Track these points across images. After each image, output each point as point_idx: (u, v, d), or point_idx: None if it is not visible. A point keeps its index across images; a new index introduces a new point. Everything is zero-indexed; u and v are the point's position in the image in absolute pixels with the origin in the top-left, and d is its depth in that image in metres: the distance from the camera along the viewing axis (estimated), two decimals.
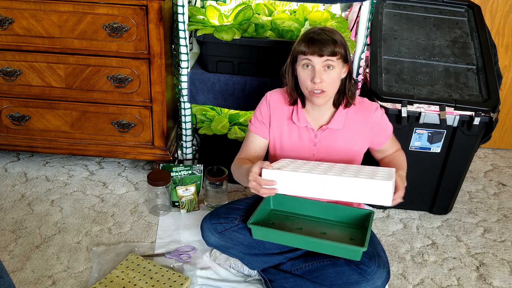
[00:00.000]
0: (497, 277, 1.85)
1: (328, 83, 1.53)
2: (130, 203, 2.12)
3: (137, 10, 1.92)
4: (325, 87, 1.53)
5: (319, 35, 1.51)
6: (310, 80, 1.53)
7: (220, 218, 1.68)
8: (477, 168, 2.59)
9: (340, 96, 1.63)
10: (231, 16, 2.08)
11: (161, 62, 2.01)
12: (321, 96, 1.55)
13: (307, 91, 1.56)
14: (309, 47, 1.51)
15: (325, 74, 1.52)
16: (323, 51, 1.49)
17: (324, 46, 1.49)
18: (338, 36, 1.54)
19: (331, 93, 1.57)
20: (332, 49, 1.50)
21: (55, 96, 2.10)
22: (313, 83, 1.52)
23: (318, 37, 1.50)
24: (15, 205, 2.06)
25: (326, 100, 1.58)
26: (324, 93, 1.54)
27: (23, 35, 1.99)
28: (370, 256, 1.53)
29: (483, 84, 2.01)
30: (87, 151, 2.21)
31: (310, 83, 1.53)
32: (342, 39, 1.54)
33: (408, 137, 1.98)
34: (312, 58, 1.51)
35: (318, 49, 1.49)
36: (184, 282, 1.65)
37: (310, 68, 1.53)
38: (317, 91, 1.53)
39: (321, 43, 1.49)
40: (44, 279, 1.70)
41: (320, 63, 1.51)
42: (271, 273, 1.67)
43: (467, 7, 2.31)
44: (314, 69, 1.52)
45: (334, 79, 1.54)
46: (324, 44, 1.49)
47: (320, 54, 1.50)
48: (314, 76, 1.51)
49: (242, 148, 1.75)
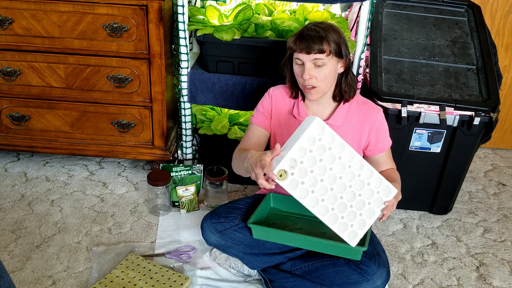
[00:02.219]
0: (497, 277, 1.85)
1: (319, 79, 1.54)
2: (130, 203, 2.12)
3: (137, 10, 1.92)
4: (315, 83, 1.54)
5: (310, 31, 1.51)
6: (301, 75, 1.55)
7: (221, 218, 1.68)
8: (477, 168, 2.59)
9: (336, 90, 1.64)
10: (231, 16, 2.08)
11: (161, 62, 2.01)
12: (313, 91, 1.56)
13: (301, 86, 1.59)
14: (297, 44, 1.52)
15: (315, 70, 1.53)
16: (310, 48, 1.50)
17: (311, 43, 1.50)
18: (331, 32, 1.52)
19: (323, 88, 1.58)
20: (319, 47, 1.50)
21: (55, 96, 2.10)
22: (304, 79, 1.54)
23: (307, 34, 1.51)
24: (15, 205, 2.06)
25: (319, 96, 1.59)
26: (315, 89, 1.56)
27: (23, 35, 1.99)
28: (370, 256, 1.54)
29: (483, 84, 2.01)
30: (87, 151, 2.20)
31: (301, 79, 1.56)
32: (335, 35, 1.53)
33: (408, 137, 1.98)
34: (301, 56, 1.52)
35: (305, 46, 1.50)
36: (184, 282, 1.65)
37: (301, 65, 1.55)
38: (308, 86, 1.55)
39: (308, 40, 1.50)
40: (44, 279, 1.70)
41: (309, 61, 1.52)
42: (271, 273, 1.67)
43: (467, 7, 2.31)
44: (304, 65, 1.53)
45: (326, 75, 1.55)
46: (311, 41, 1.50)
47: (307, 52, 1.51)
48: (303, 72, 1.53)
49: (243, 139, 1.75)
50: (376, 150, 1.68)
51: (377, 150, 1.68)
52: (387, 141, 1.70)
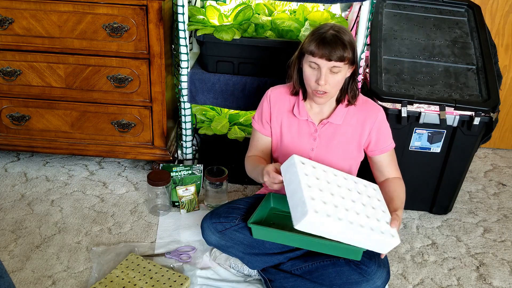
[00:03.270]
0: (497, 277, 1.85)
1: (332, 85, 1.54)
2: (130, 203, 2.12)
3: (137, 10, 1.92)
4: (328, 88, 1.54)
5: (331, 38, 1.49)
6: (314, 80, 1.53)
7: (221, 217, 1.68)
8: (477, 168, 2.59)
9: (342, 94, 1.63)
10: (231, 16, 2.08)
11: (161, 62, 2.01)
12: (324, 96, 1.56)
13: (310, 89, 1.57)
14: (319, 49, 1.49)
15: (330, 76, 1.52)
16: (332, 56, 1.48)
17: (334, 51, 1.48)
18: (348, 37, 1.52)
19: (333, 94, 1.59)
20: (341, 54, 1.48)
21: (55, 96, 2.10)
22: (317, 84, 1.52)
23: (329, 40, 1.48)
24: (15, 205, 2.06)
25: (327, 100, 1.59)
26: (326, 94, 1.55)
27: (23, 35, 1.99)
28: (370, 256, 1.54)
29: (483, 84, 2.01)
30: (87, 151, 2.20)
31: (314, 83, 1.54)
32: (351, 40, 1.52)
33: (408, 137, 1.98)
34: (319, 61, 1.50)
35: (327, 52, 1.48)
36: (184, 282, 1.65)
37: (316, 69, 1.53)
38: (320, 91, 1.54)
39: (331, 47, 1.48)
40: (44, 279, 1.70)
41: (326, 67, 1.50)
42: (271, 273, 1.67)
43: (467, 7, 2.31)
44: (320, 71, 1.51)
45: (339, 82, 1.55)
46: (334, 49, 1.48)
47: (328, 59, 1.49)
48: (320, 78, 1.51)
49: (250, 145, 1.79)
50: (377, 150, 1.68)
51: (378, 150, 1.68)
52: (390, 142, 1.70)
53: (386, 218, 1.51)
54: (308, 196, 1.37)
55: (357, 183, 1.58)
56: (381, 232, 1.44)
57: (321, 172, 1.51)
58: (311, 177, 1.45)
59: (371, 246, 1.46)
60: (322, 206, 1.38)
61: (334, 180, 1.52)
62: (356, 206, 1.47)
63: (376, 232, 1.42)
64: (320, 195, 1.41)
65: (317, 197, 1.39)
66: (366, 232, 1.40)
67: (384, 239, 1.43)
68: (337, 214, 1.39)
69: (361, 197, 1.52)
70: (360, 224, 1.41)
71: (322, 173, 1.51)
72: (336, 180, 1.53)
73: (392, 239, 1.44)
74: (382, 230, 1.45)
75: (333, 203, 1.42)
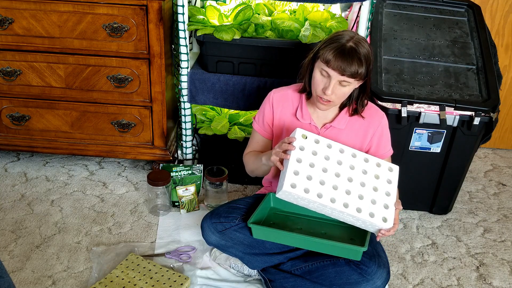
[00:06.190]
0: (497, 277, 1.85)
1: (338, 96, 1.54)
2: (130, 203, 2.12)
3: (137, 10, 1.92)
4: (333, 98, 1.53)
5: (349, 51, 1.46)
6: (322, 88, 1.53)
7: (221, 217, 1.68)
8: (477, 168, 2.59)
9: (347, 102, 1.63)
10: (231, 16, 2.08)
11: (161, 62, 2.01)
12: (327, 104, 1.56)
13: (316, 94, 1.57)
14: (335, 60, 1.46)
15: (338, 88, 1.51)
16: (346, 71, 1.46)
17: (349, 66, 1.45)
18: (366, 50, 1.48)
19: (337, 103, 1.59)
20: (355, 70, 1.46)
21: (55, 96, 2.10)
22: (324, 92, 1.52)
23: (347, 53, 1.45)
24: (15, 205, 2.06)
25: (329, 108, 1.60)
26: (330, 103, 1.56)
27: (23, 35, 1.99)
28: (370, 256, 1.54)
29: (483, 84, 2.01)
30: (87, 151, 2.20)
31: (320, 91, 1.53)
32: (368, 54, 1.49)
33: (408, 137, 1.98)
34: (332, 73, 1.48)
35: (342, 66, 1.45)
36: (184, 282, 1.65)
37: (326, 77, 1.51)
38: (324, 99, 1.54)
39: (347, 62, 1.45)
40: (44, 279, 1.70)
41: (337, 79, 1.49)
42: (271, 273, 1.67)
43: (467, 7, 2.31)
44: (329, 80, 1.50)
45: (345, 94, 1.55)
46: (350, 64, 1.45)
47: (341, 73, 1.47)
48: (327, 88, 1.50)
49: (249, 145, 1.79)
50: (376, 155, 1.68)
51: (377, 155, 1.68)
52: (389, 148, 1.71)
53: (387, 201, 1.50)
54: (291, 169, 1.45)
55: (368, 162, 1.56)
56: (370, 214, 1.45)
57: (322, 147, 1.53)
58: (306, 151, 1.50)
59: (360, 225, 1.51)
60: (303, 181, 1.44)
61: (336, 156, 1.53)
62: (350, 185, 1.49)
63: (364, 213, 1.45)
64: (307, 170, 1.47)
65: (302, 172, 1.46)
66: (350, 212, 1.44)
67: (372, 221, 1.45)
68: (318, 190, 1.44)
69: (363, 177, 1.52)
70: (344, 203, 1.45)
71: (323, 148, 1.53)
72: (338, 157, 1.54)
73: (381, 223, 1.46)
74: (374, 212, 1.46)
75: (320, 179, 1.47)
